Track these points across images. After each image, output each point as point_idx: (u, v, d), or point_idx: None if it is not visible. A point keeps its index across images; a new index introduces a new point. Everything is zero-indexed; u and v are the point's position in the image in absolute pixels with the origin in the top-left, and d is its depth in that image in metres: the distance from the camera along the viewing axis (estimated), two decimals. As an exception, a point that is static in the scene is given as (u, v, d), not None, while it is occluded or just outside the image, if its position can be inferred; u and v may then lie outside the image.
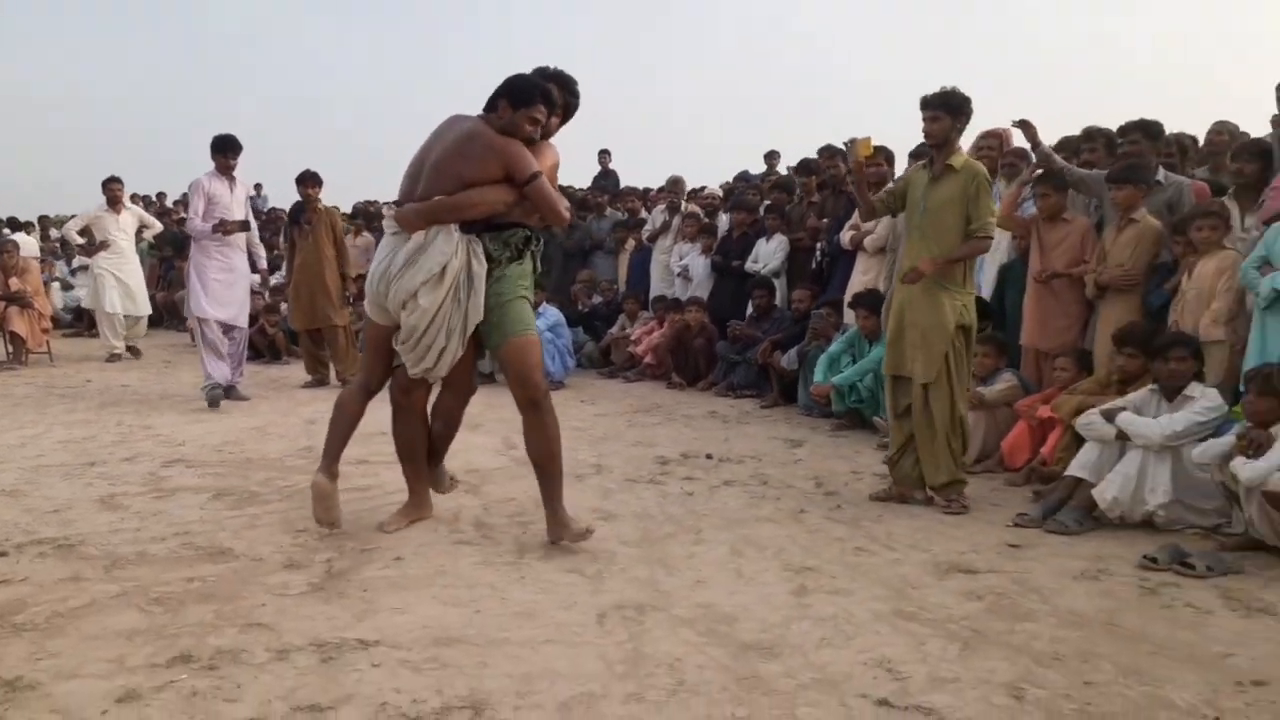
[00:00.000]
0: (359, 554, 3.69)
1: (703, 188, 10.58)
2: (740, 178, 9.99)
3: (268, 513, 4.28)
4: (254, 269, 7.77)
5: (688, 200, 9.86)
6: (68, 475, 4.96)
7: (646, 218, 9.98)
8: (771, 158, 12.59)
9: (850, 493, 4.74)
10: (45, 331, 10.01)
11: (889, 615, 3.10)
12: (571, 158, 3.96)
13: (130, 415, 6.80)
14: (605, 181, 13.75)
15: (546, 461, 3.78)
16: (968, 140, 5.75)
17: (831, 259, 7.56)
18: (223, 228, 6.88)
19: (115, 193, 9.90)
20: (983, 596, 3.28)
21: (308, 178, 8.17)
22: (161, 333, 12.58)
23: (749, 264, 8.24)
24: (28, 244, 13.95)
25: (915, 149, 7.08)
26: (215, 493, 4.63)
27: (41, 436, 6.02)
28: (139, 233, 10.68)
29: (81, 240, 10.44)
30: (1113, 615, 3.10)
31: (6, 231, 13.96)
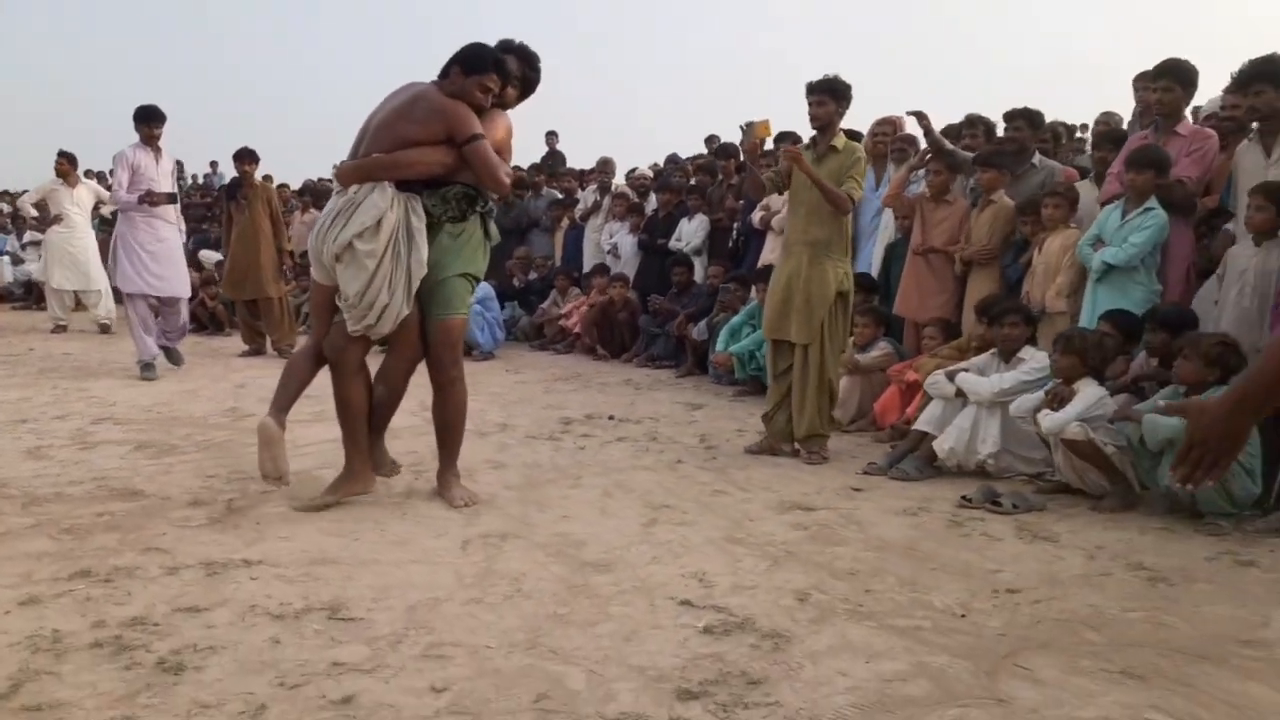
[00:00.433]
0: (259, 495, 4.04)
1: (634, 169, 10.96)
2: (670, 160, 10.39)
3: (182, 462, 4.63)
4: None
5: (622, 181, 10.23)
6: (-1, 430, 5.27)
7: (581, 197, 10.35)
8: (710, 141, 12.95)
9: (729, 447, 5.16)
10: (-11, 303, 10.21)
11: (719, 540, 3.52)
12: (520, 139, 4.10)
13: (67, 380, 7.08)
14: (552, 162, 14.05)
15: (445, 431, 3.98)
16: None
17: (745, 238, 7.99)
18: (149, 199, 6.89)
19: (62, 167, 9.94)
20: (808, 528, 3.71)
21: (245, 154, 8.45)
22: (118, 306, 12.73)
23: (673, 242, 8.65)
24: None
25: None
26: (136, 445, 4.96)
27: (-23, 398, 6.30)
28: (96, 207, 10.78)
29: (35, 214, 10.54)
30: (915, 542, 3.55)
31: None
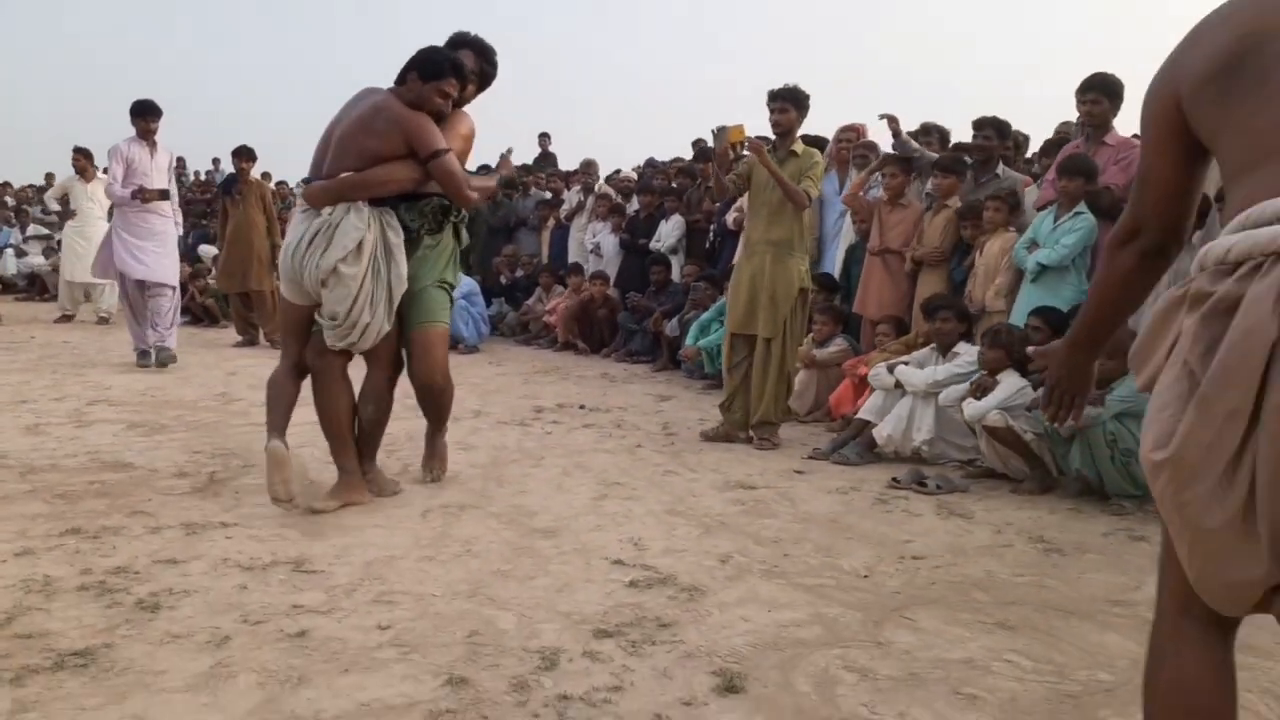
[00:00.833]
0: (240, 468, 4.36)
1: (618, 170, 11.28)
2: (648, 163, 10.74)
3: (171, 439, 4.94)
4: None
5: (605, 182, 10.55)
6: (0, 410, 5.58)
7: (566, 198, 10.67)
8: (697, 144, 13.26)
9: (689, 435, 5.46)
10: (-8, 293, 10.56)
11: (660, 513, 3.82)
12: (513, 140, 4.27)
13: (66, 365, 7.39)
14: (544, 164, 14.37)
15: (433, 415, 4.15)
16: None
17: (721, 238, 8.30)
18: (141, 194, 7.04)
19: (79, 163, 10.11)
20: (745, 504, 4.01)
21: (242, 152, 8.79)
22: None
23: (653, 243, 8.96)
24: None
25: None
26: (129, 424, 5.27)
27: (-20, 381, 6.61)
28: None
29: (58, 208, 10.89)
30: (839, 516, 3.85)
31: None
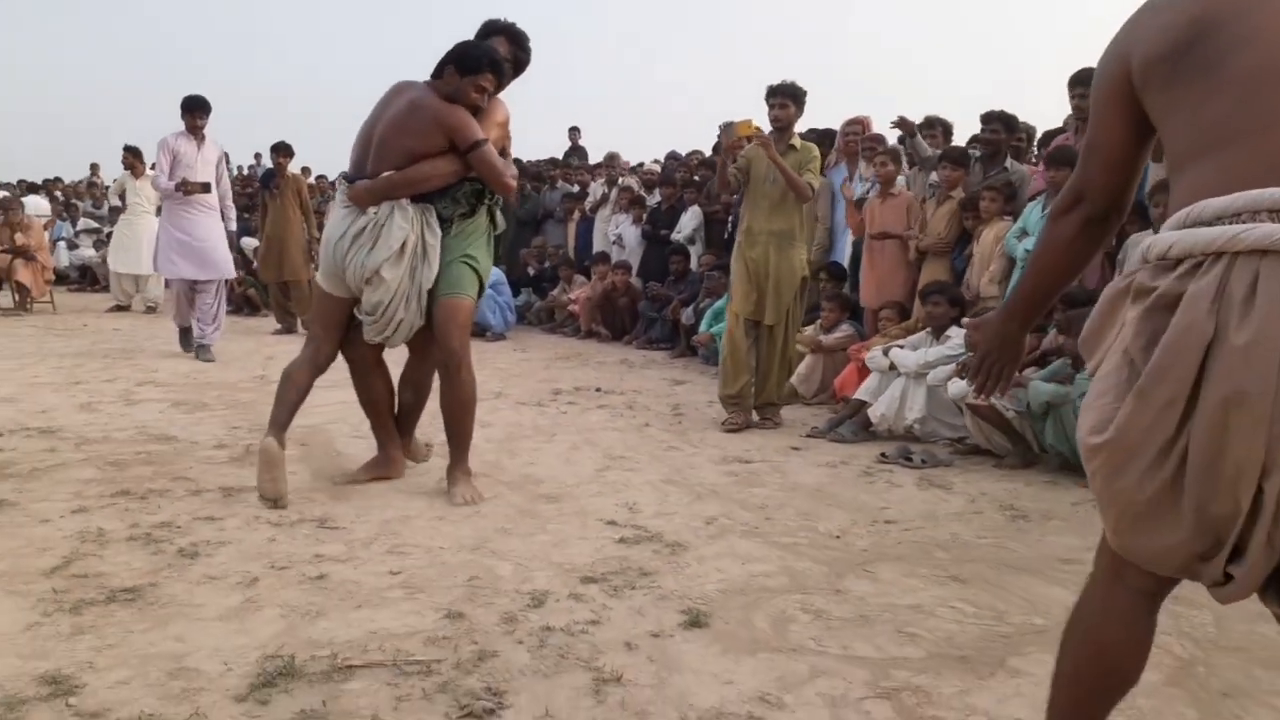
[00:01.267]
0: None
1: (641, 163, 11.55)
2: (670, 156, 11.00)
3: (211, 416, 5.32)
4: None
5: (627, 174, 10.84)
6: (56, 390, 6.00)
7: (590, 190, 10.97)
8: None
9: (697, 415, 5.74)
10: (48, 283, 11.10)
11: (657, 482, 4.11)
12: (543, 133, 4.49)
13: (117, 351, 7.85)
14: (574, 158, 14.66)
15: (452, 423, 3.89)
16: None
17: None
18: (183, 187, 7.30)
19: (128, 160, 10.48)
20: (738, 475, 4.29)
21: (280, 147, 9.20)
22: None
23: (674, 234, 9.23)
24: (39, 205, 15.10)
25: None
26: (173, 403, 5.67)
27: (38, 364, 7.06)
28: None
29: (120, 203, 11.43)
30: (824, 486, 4.11)
31: (16, 192, 15.03)
